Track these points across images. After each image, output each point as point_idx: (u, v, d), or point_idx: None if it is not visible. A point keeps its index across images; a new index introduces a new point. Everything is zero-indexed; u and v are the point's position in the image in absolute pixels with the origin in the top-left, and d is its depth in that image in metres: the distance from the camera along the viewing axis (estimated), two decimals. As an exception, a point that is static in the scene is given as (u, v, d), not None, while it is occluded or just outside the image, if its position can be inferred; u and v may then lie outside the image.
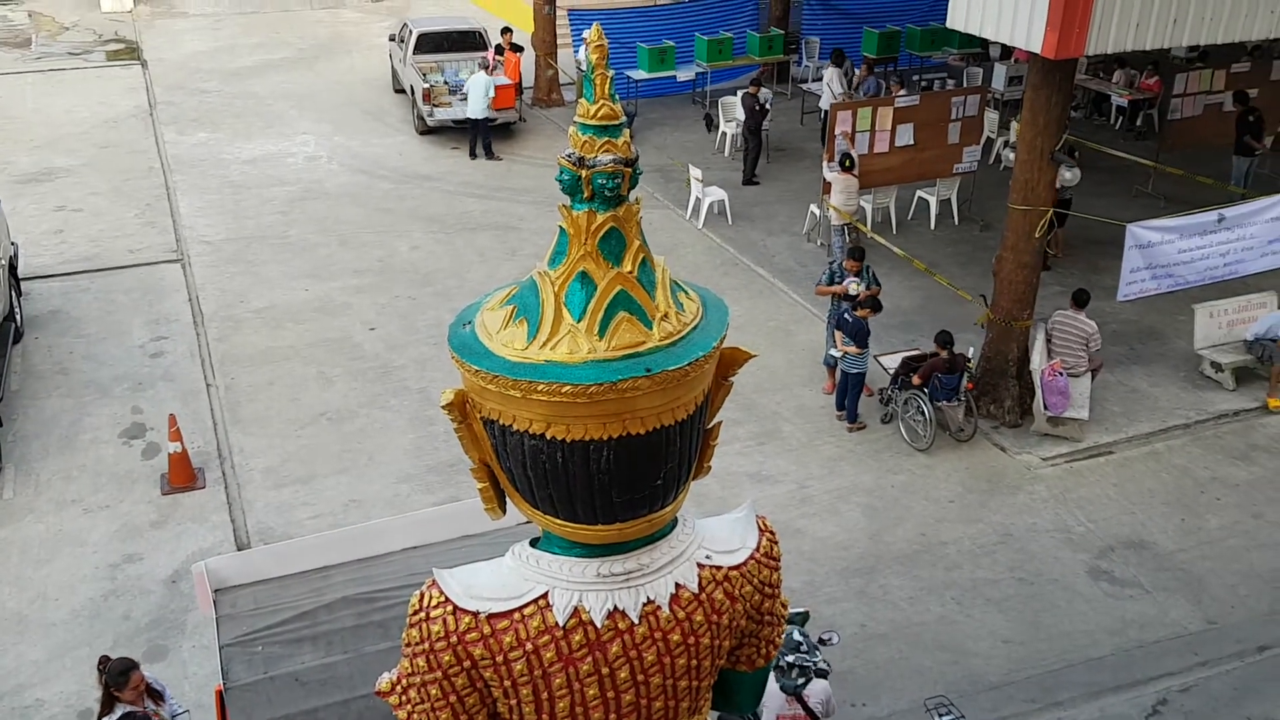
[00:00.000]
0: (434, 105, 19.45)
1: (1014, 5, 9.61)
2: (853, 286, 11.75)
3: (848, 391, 11.63)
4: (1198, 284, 11.96)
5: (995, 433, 11.64)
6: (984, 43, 19.52)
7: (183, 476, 10.58)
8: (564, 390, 3.26)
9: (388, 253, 15.57)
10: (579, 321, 3.43)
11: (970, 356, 11.67)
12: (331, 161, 18.84)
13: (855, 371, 11.46)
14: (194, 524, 10.13)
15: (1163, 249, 11.47)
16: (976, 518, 10.42)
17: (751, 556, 3.81)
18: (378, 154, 19.21)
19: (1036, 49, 9.58)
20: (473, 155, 19.00)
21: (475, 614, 3.48)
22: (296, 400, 12.06)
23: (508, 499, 3.71)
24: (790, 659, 6.79)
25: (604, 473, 3.37)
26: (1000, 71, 20.00)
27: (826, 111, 17.59)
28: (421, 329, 13.47)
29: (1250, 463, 11.25)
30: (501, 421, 3.42)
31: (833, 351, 11.79)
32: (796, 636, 6.89)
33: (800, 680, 6.80)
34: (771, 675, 5.97)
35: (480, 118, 18.64)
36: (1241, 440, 11.61)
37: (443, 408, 3.56)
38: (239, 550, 9.52)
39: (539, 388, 3.27)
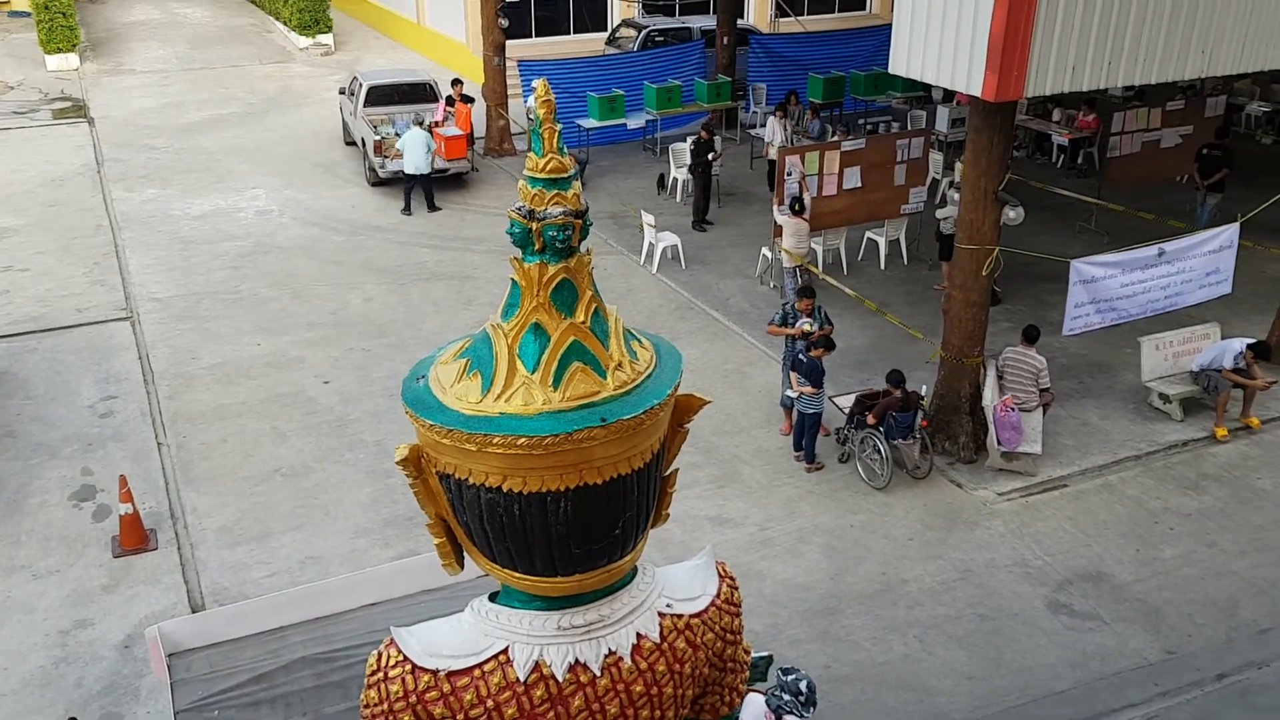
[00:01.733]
0: (385, 157, 19.47)
1: (954, 50, 9.83)
2: (806, 325, 11.85)
3: (805, 432, 11.69)
4: (1140, 316, 12.20)
5: (951, 469, 11.74)
6: (926, 86, 19.93)
7: (134, 538, 10.38)
8: (520, 442, 3.26)
9: (341, 305, 15.49)
10: (533, 373, 3.44)
11: (924, 394, 11.79)
12: (283, 215, 18.76)
13: (812, 411, 11.53)
14: (146, 586, 9.92)
15: (1106, 283, 11.70)
16: (936, 555, 10.47)
17: (713, 603, 3.81)
18: (329, 207, 19.17)
19: (977, 92, 9.79)
20: (406, 211, 18.72)
21: (435, 672, 3.44)
22: (250, 457, 11.90)
23: (465, 553, 3.68)
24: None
25: (562, 524, 3.37)
26: (943, 114, 20.40)
27: (774, 157, 17.83)
28: (376, 381, 13.38)
29: (1201, 492, 11.42)
30: (457, 475, 3.41)
31: (789, 392, 11.86)
32: (804, 688, 6.81)
33: None
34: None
35: (419, 173, 18.48)
36: (1192, 470, 11.80)
37: (398, 463, 3.54)
38: (193, 612, 9.32)
39: (495, 440, 3.27)
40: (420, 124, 18.63)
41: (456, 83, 20.78)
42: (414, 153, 18.33)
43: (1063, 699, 8.82)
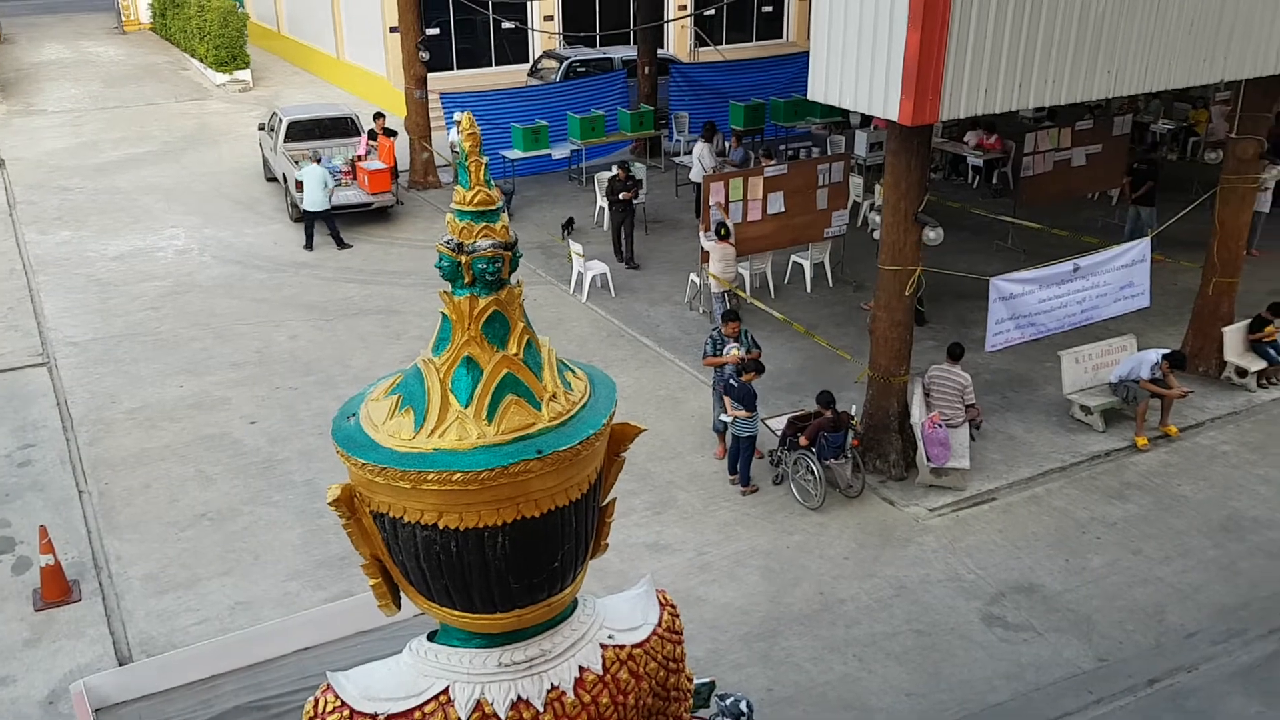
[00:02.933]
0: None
1: (870, 76, 10.03)
2: (735, 350, 11.95)
3: (739, 455, 11.75)
4: (1059, 331, 12.51)
5: (883, 487, 11.88)
6: (844, 112, 20.29)
7: (56, 590, 10.04)
8: (455, 478, 3.23)
9: (266, 343, 15.24)
10: (466, 407, 3.41)
11: (854, 414, 11.94)
12: (203, 254, 18.44)
13: (746, 435, 11.60)
14: (71, 640, 9.60)
15: (1025, 300, 11.98)
16: (871, 572, 10.57)
17: (654, 632, 3.80)
18: (251, 244, 18.88)
19: (894, 117, 10.00)
20: (308, 247, 18.46)
21: (374, 716, 3.38)
22: (175, 502, 11.62)
23: (402, 593, 3.63)
24: None
25: (500, 559, 3.34)
26: (861, 138, 20.80)
27: (699, 184, 17.98)
28: (305, 420, 13.17)
29: (1125, 500, 11.71)
30: (392, 514, 3.37)
31: (723, 417, 11.92)
32: (744, 708, 6.83)
33: None
34: None
35: (318, 210, 18.24)
36: (1115, 479, 12.09)
37: (330, 504, 3.48)
38: (120, 665, 9.04)
39: (429, 477, 3.24)
40: (318, 161, 18.45)
41: (378, 116, 20.67)
42: (312, 190, 18.13)
43: (1001, 711, 8.94)
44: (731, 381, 11.56)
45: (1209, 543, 10.97)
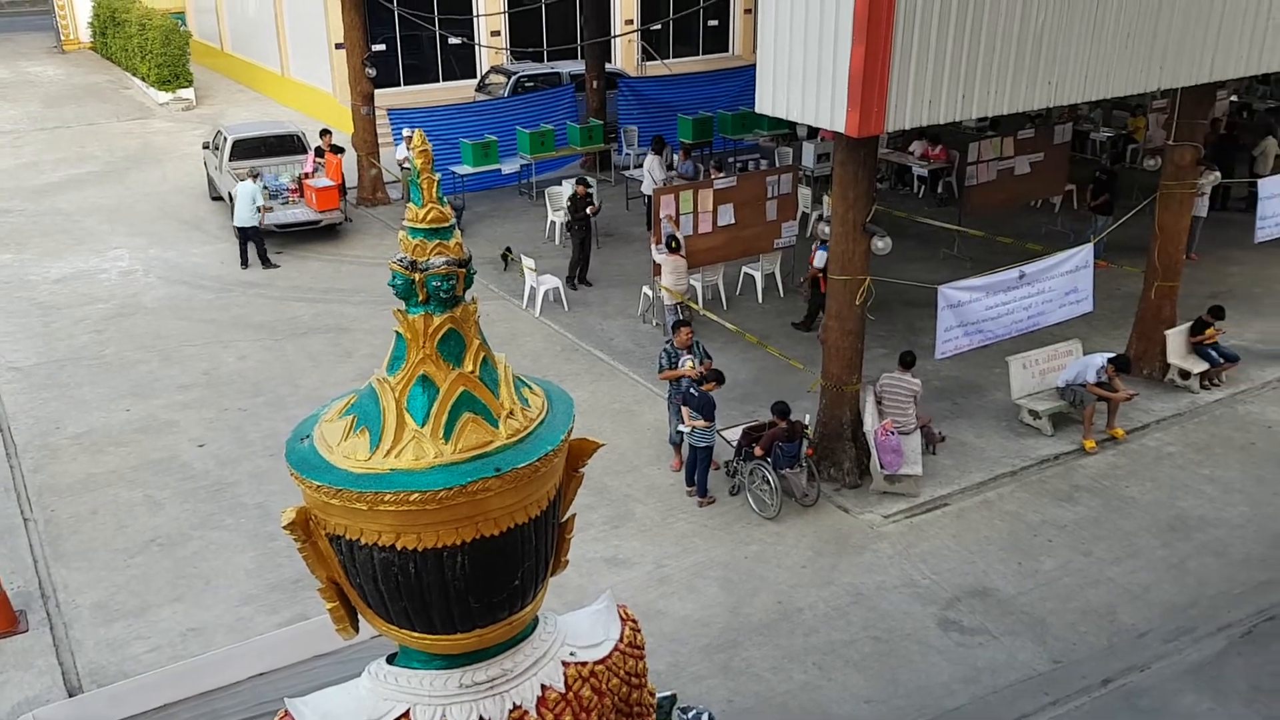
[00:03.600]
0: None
1: (816, 89, 10.13)
2: (687, 364, 11.99)
3: (697, 466, 11.78)
4: (1006, 337, 12.69)
5: (838, 495, 11.96)
6: (791, 124, 20.48)
7: (3, 620, 9.81)
8: (412, 498, 3.19)
9: (214, 364, 15.03)
10: (423, 426, 3.38)
11: (808, 423, 12.02)
12: (148, 275, 18.16)
13: (703, 445, 11.63)
14: (18, 671, 9.38)
15: (972, 307, 12.14)
16: (828, 580, 10.63)
17: (616, 648, 3.79)
18: (197, 264, 18.63)
19: (841, 128, 10.10)
20: (243, 265, 18.34)
21: (334, 741, 3.33)
22: (124, 528, 11.40)
23: (360, 616, 3.59)
24: None
25: (460, 579, 3.31)
26: (809, 150, 20.99)
27: (649, 197, 18.04)
28: (255, 441, 12.99)
29: (1075, 503, 11.88)
30: (348, 536, 3.33)
31: (680, 428, 11.95)
32: None
33: None
34: None
35: (247, 226, 18.10)
36: (1064, 482, 12.27)
37: (284, 528, 3.43)
38: (70, 696, 8.85)
39: (386, 498, 3.20)
40: (255, 178, 18.32)
41: (325, 133, 20.53)
42: (240, 207, 18.02)
43: (958, 715, 9.02)
44: (691, 391, 11.59)
45: (1157, 543, 11.17)
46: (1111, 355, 12.91)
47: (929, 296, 12.33)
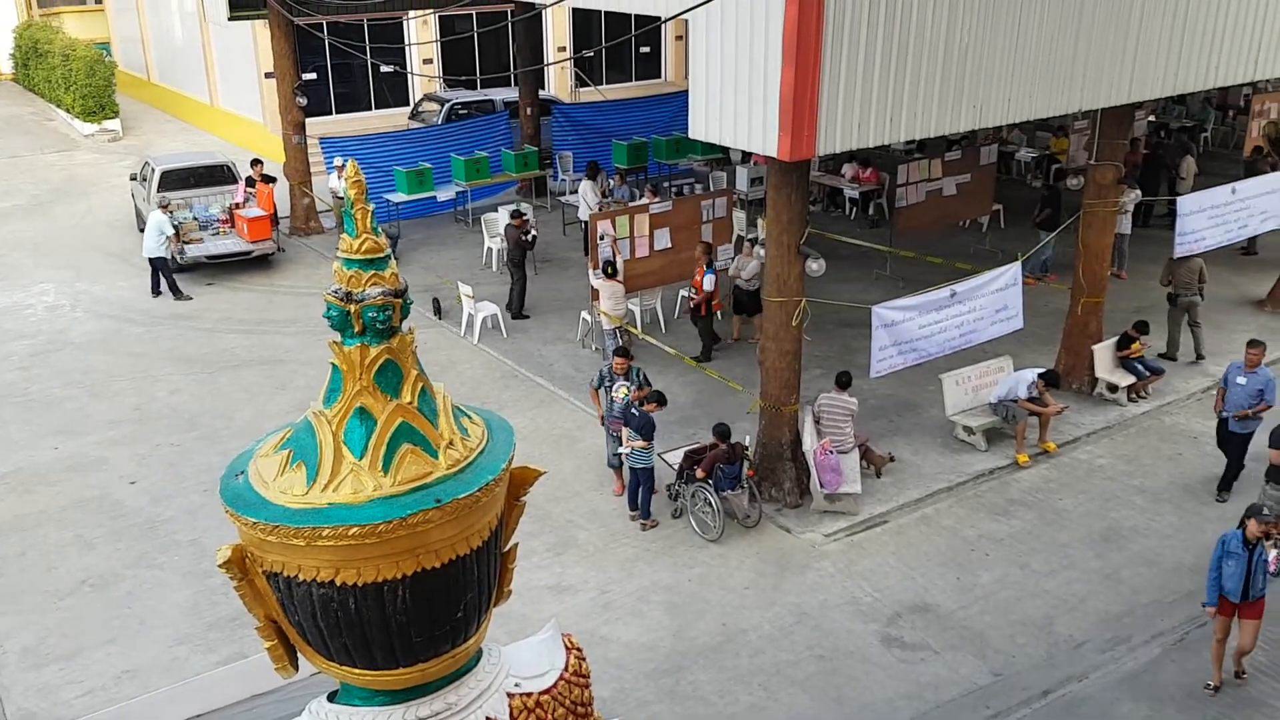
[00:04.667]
0: (184, 242, 18.80)
1: (748, 114, 10.26)
2: (620, 390, 12.02)
3: (639, 489, 11.78)
4: (940, 355, 12.89)
5: (779, 515, 12.04)
6: (725, 148, 20.69)
7: (-78, 672, 9.48)
8: (352, 532, 3.16)
9: (145, 399, 14.73)
10: (361, 459, 3.35)
11: (748, 444, 12.10)
12: (75, 309, 17.77)
13: (643, 467, 11.66)
14: (-61, 724, 9.06)
15: (905, 326, 12.33)
16: (772, 601, 10.68)
17: (561, 678, 3.77)
18: (126, 297, 18.28)
19: (773, 153, 10.24)
20: (154, 293, 18.18)
21: (275, 781, 3.27)
22: (53, 569, 11.09)
23: (299, 653, 3.53)
24: None
25: (401, 613, 3.28)
26: (742, 174, 21.21)
27: (586, 222, 18.08)
28: (189, 477, 12.74)
29: (1010, 516, 12.08)
30: (286, 573, 3.27)
31: (620, 450, 11.95)
32: None
33: None
34: None
35: (153, 256, 17.93)
36: (999, 496, 12.48)
37: (220, 566, 3.37)
38: (-5, 746, 8.57)
39: (324, 533, 3.16)
40: (165, 208, 18.18)
41: (256, 163, 20.31)
42: (148, 237, 17.91)
43: (903, 730, 9.09)
44: (632, 411, 11.62)
45: (1091, 554, 11.39)
46: (1041, 371, 13.18)
47: (863, 316, 12.50)
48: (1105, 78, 12.04)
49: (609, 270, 14.99)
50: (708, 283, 15.30)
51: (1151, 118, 24.09)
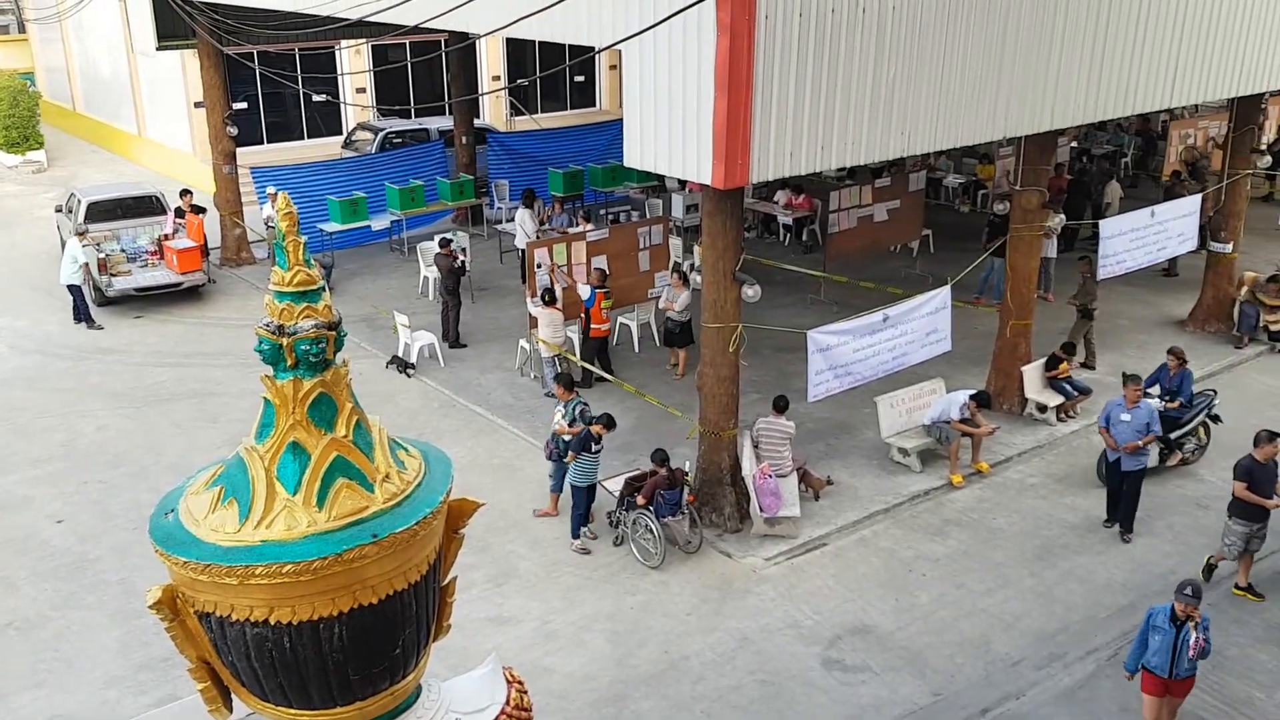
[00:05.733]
0: (112, 275, 18.45)
1: (682, 143, 10.36)
2: (558, 415, 12.04)
3: (576, 506, 11.82)
4: (874, 378, 13.05)
5: (720, 540, 12.07)
6: (660, 176, 20.84)
7: None
8: (286, 570, 3.12)
9: (71, 436, 14.37)
10: (294, 495, 3.32)
11: (688, 470, 12.13)
12: (-3, 344, 17.31)
13: (582, 484, 11.75)
14: None
15: (840, 350, 12.47)
16: (714, 626, 10.69)
17: (502, 712, 3.75)
18: (51, 332, 17.86)
19: (707, 180, 10.34)
20: (76, 320, 18.05)
21: (209, 827, 3.20)
22: (-26, 614, 10.75)
23: (234, 694, 3.47)
24: None
25: (338, 651, 3.24)
26: (678, 201, 21.38)
27: (523, 250, 18.07)
28: (117, 515, 12.44)
29: (946, 537, 12.24)
30: (219, 613, 3.23)
31: (564, 460, 11.97)
32: None
33: None
34: None
35: (69, 284, 17.77)
36: (935, 517, 12.64)
37: (150, 607, 3.31)
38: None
39: (257, 571, 3.12)
40: (81, 235, 18.02)
41: (185, 193, 20.02)
42: (64, 264, 17.76)
43: (846, 752, 9.13)
44: (563, 438, 11.72)
45: (1025, 572, 11.58)
46: (973, 392, 13.40)
47: (799, 341, 12.62)
48: (1028, 106, 12.36)
49: (547, 298, 14.98)
50: (582, 290, 15.33)
51: (1074, 144, 24.74)
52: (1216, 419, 13.59)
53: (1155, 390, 13.53)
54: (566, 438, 11.85)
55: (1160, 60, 13.47)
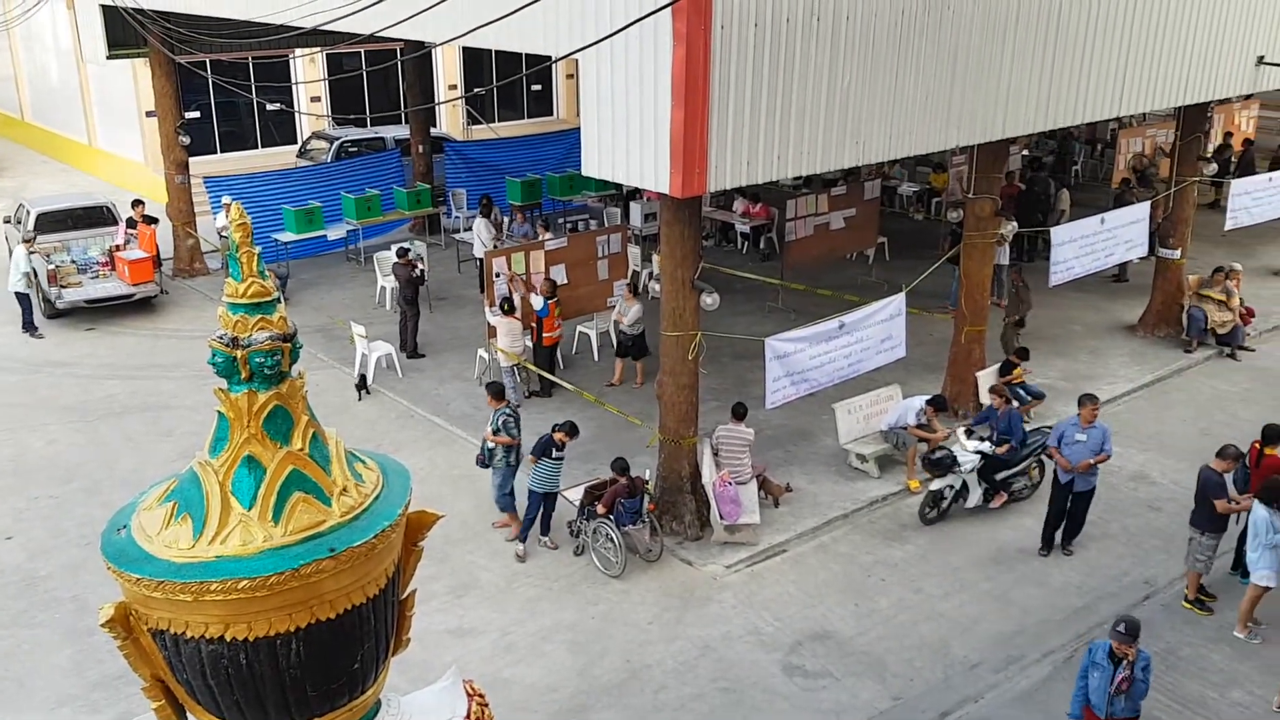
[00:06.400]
0: (62, 286, 18.17)
1: (640, 152, 10.39)
2: (490, 426, 12.04)
3: (536, 510, 11.86)
4: (831, 384, 13.14)
5: (680, 548, 12.08)
6: (618, 184, 20.86)
7: None
8: (241, 585, 3.09)
9: (20, 450, 14.11)
10: (250, 509, 3.29)
11: (648, 478, 12.14)
12: (-58, 358, 16.97)
13: (539, 490, 11.77)
14: None
15: (797, 357, 12.55)
16: (675, 635, 10.69)
17: (462, 724, 3.73)
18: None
19: (665, 190, 10.37)
20: (23, 329, 17.91)
21: None
22: (-81, 634, 10.51)
23: (189, 712, 3.42)
24: None
25: (295, 667, 3.21)
26: (636, 210, 21.41)
27: (481, 259, 18.01)
28: (69, 531, 12.22)
29: (904, 542, 12.34)
30: (173, 630, 3.18)
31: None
32: None
33: None
34: None
35: (15, 291, 17.63)
36: (893, 522, 12.74)
37: (102, 625, 3.26)
38: None
39: (212, 587, 3.08)
40: (28, 242, 17.85)
41: (137, 203, 19.77)
42: (11, 271, 17.63)
43: (807, 758, 9.16)
44: (487, 445, 11.96)
45: (982, 576, 11.70)
46: (929, 397, 13.53)
47: (757, 348, 12.68)
48: (980, 115, 12.52)
49: (505, 307, 14.94)
50: (535, 302, 15.37)
51: (1025, 152, 25.09)
52: (1050, 456, 12.31)
53: (983, 431, 12.97)
54: (490, 445, 12.00)
55: (1108, 70, 13.71)
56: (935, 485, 12.52)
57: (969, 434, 12.95)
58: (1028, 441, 12.94)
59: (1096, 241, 15.88)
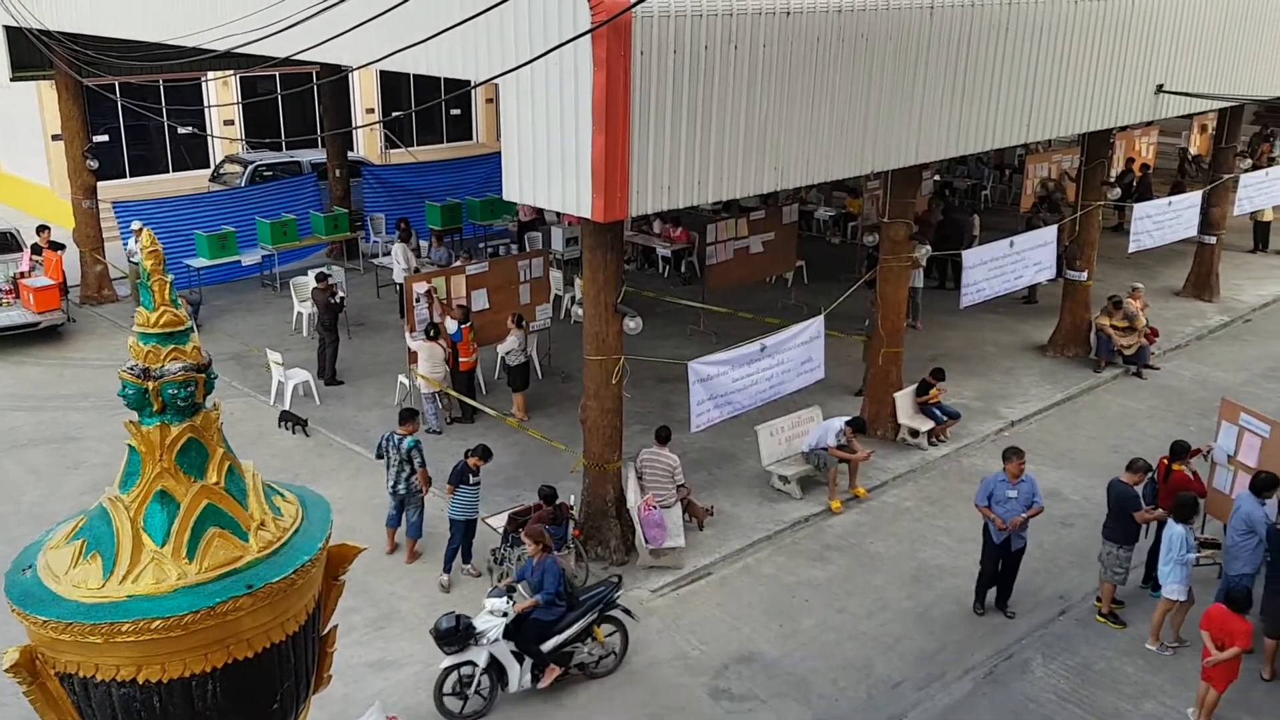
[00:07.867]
0: (-40, 314, 17.55)
1: (561, 176, 10.39)
2: (419, 461, 11.96)
3: (455, 539, 11.72)
4: (753, 407, 13.25)
5: (606, 573, 12.01)
6: (539, 209, 20.83)
7: None
8: (154, 626, 2.98)
9: (-84, 487, 13.52)
10: (163, 546, 3.18)
11: (573, 504, 12.08)
12: None
13: (457, 518, 11.64)
14: None
15: (720, 380, 12.63)
16: (601, 661, 10.61)
17: (385, 762, 3.65)
18: (-108, 376, 16.82)
19: (587, 214, 10.38)
20: None
21: None
22: None
23: (100, 759, 3.29)
24: None
25: (212, 709, 3.10)
26: (557, 234, 21.40)
27: (400, 284, 17.83)
28: (-32, 569, 11.72)
29: (826, 562, 12.45)
30: (82, 674, 3.05)
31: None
32: None
33: None
34: None
35: None
36: (815, 542, 12.86)
37: (6, 671, 3.12)
38: None
39: (123, 628, 2.97)
40: None
41: (43, 229, 19.20)
42: None
43: (734, 782, 9.15)
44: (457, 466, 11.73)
45: (903, 594, 11.85)
46: (848, 419, 13.72)
47: (680, 372, 12.73)
48: (893, 142, 12.79)
49: (430, 333, 14.80)
50: (450, 326, 15.31)
51: (937, 177, 25.67)
52: (627, 612, 10.50)
53: (522, 587, 10.06)
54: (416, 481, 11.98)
55: (1016, 98, 14.12)
56: (447, 663, 9.65)
57: (509, 592, 10.00)
58: (583, 600, 10.19)
59: (1006, 264, 16.29)
